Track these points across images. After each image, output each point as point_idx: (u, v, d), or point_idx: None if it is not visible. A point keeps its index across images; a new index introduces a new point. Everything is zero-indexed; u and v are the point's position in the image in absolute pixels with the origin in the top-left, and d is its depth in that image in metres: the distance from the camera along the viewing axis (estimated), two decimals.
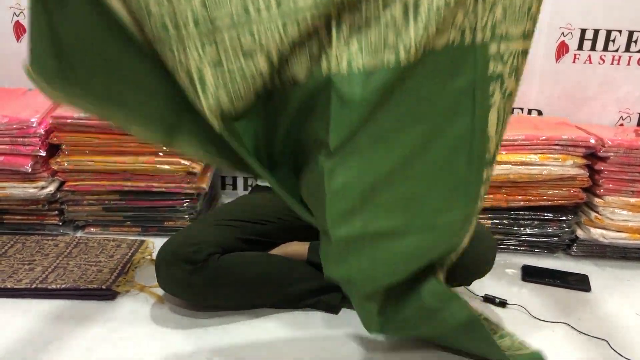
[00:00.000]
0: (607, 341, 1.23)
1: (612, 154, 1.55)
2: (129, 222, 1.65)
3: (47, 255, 1.45)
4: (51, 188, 1.56)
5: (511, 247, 1.67)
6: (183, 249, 1.21)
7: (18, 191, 1.54)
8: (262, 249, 1.36)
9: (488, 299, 1.39)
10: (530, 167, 1.56)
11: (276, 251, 1.36)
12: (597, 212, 1.60)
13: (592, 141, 1.57)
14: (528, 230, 1.64)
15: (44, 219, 1.62)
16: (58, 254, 1.46)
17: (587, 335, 1.25)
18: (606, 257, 1.66)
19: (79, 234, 1.64)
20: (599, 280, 1.52)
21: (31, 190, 1.54)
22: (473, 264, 1.23)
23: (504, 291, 1.43)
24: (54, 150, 1.58)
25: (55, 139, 1.54)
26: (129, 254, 1.48)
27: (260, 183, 1.47)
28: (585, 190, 1.62)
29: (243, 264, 1.27)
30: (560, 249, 1.67)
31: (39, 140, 1.51)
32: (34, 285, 1.30)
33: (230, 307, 1.27)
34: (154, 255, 1.26)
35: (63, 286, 1.29)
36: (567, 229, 1.63)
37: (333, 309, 1.32)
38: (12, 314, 1.23)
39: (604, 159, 1.57)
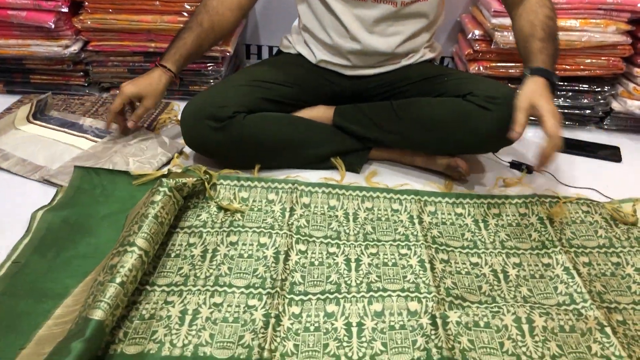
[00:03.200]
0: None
1: None
2: None
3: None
4: (75, 47, 1.54)
5: None
6: (209, 106, 1.21)
7: (42, 49, 1.52)
8: (288, 112, 1.34)
9: (514, 165, 1.38)
10: (569, 32, 1.49)
11: (302, 114, 1.35)
12: (636, 84, 1.53)
13: None
14: (561, 102, 1.59)
15: (69, 79, 1.62)
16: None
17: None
18: None
19: (105, 95, 1.64)
20: (631, 153, 1.49)
21: (55, 49, 1.52)
22: (500, 130, 1.20)
23: (532, 161, 1.41)
24: (77, 8, 1.55)
25: None
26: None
27: (284, 49, 1.43)
28: (625, 60, 1.55)
29: (268, 124, 1.26)
30: (593, 122, 1.63)
31: None
32: None
33: (254, 166, 1.28)
34: (179, 117, 1.26)
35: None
36: (602, 101, 1.58)
37: (355, 169, 1.32)
38: None
39: None
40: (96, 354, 0.79)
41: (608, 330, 0.87)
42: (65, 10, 1.47)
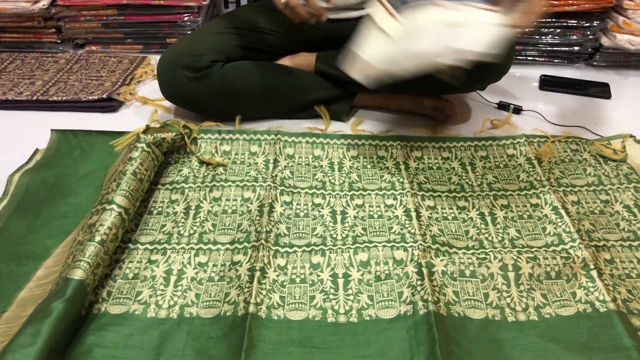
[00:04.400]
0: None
1: None
2: (129, 39, 1.59)
3: (47, 71, 1.43)
4: (44, 2, 1.49)
5: (529, 59, 1.59)
6: (184, 56, 1.17)
7: (9, 5, 1.47)
8: (268, 60, 1.30)
9: (502, 106, 1.35)
10: None
11: (283, 61, 1.31)
12: (625, 17, 1.49)
13: None
14: (549, 39, 1.55)
15: (41, 37, 1.57)
16: (58, 70, 1.44)
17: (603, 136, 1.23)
18: (630, 66, 1.59)
19: (80, 52, 1.59)
20: (621, 89, 1.46)
21: (23, 4, 1.47)
22: (488, 65, 1.16)
23: (520, 101, 1.38)
24: None
25: None
26: (131, 68, 1.45)
27: None
28: None
29: (248, 73, 1.22)
30: (582, 59, 1.59)
31: None
32: (35, 97, 1.28)
33: (235, 118, 1.24)
34: (157, 71, 1.21)
35: (64, 98, 1.27)
36: (590, 37, 1.53)
37: (341, 118, 1.29)
38: (16, 126, 1.22)
39: None
40: (79, 314, 0.78)
41: (594, 273, 0.86)
42: None
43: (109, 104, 1.28)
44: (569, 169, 1.11)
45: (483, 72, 1.18)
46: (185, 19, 1.55)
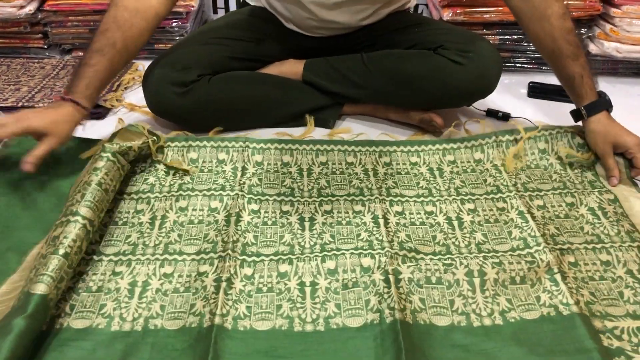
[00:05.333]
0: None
1: None
2: None
3: (33, 77, 1.42)
4: (30, 7, 1.48)
5: (518, 65, 1.61)
6: (171, 71, 1.16)
7: None
8: (256, 69, 1.30)
9: (491, 113, 1.36)
10: None
11: (270, 69, 1.31)
12: (613, 24, 1.52)
13: None
14: None
15: (28, 42, 1.56)
16: (44, 76, 1.42)
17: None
18: (618, 74, 1.61)
19: (67, 57, 1.57)
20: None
21: (9, 9, 1.46)
22: (474, 83, 1.18)
23: (509, 107, 1.40)
24: None
25: None
26: (119, 74, 1.42)
27: (250, 1, 1.36)
28: (602, 0, 1.53)
29: (236, 84, 1.22)
30: None
31: None
32: (20, 104, 1.27)
33: (222, 128, 1.24)
34: (143, 86, 1.20)
35: None
36: None
37: (328, 125, 1.29)
38: None
39: None
40: (40, 329, 0.76)
41: (558, 277, 0.87)
42: None
43: (96, 111, 1.27)
44: (535, 174, 1.13)
45: (469, 92, 1.20)
46: (174, 24, 1.54)
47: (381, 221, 0.98)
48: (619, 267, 0.91)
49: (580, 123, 1.15)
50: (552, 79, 1.53)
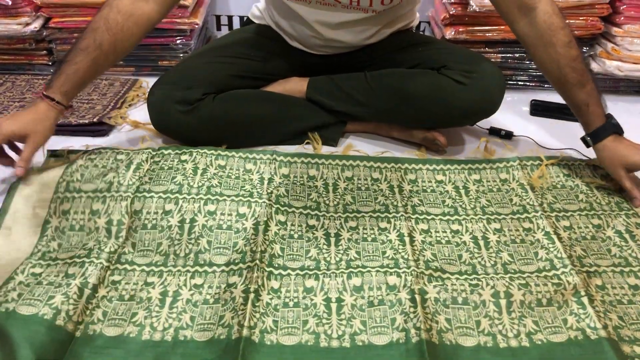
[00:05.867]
0: None
1: None
2: (121, 62, 1.59)
3: (38, 94, 1.41)
4: (36, 25, 1.49)
5: (520, 83, 1.62)
6: (176, 90, 1.17)
7: (1, 27, 1.47)
8: (259, 87, 1.31)
9: (494, 131, 1.37)
10: None
11: (274, 87, 1.32)
12: (614, 43, 1.52)
13: None
14: None
15: (32, 58, 1.56)
16: None
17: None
18: (619, 92, 1.61)
19: None
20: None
21: (15, 27, 1.47)
22: (478, 103, 1.19)
23: (512, 126, 1.40)
24: None
25: None
26: (122, 91, 1.45)
27: (253, 19, 1.38)
28: (603, 19, 1.53)
29: (239, 103, 1.23)
30: None
31: None
32: None
33: (227, 146, 1.24)
34: (148, 105, 1.21)
35: None
36: None
37: (333, 142, 1.30)
38: None
39: None
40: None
41: (585, 300, 0.87)
42: None
43: (100, 128, 1.28)
44: (561, 194, 1.13)
45: (473, 112, 1.21)
46: (178, 42, 1.56)
47: (407, 239, 0.98)
48: None
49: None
50: (554, 97, 1.53)
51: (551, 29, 1.06)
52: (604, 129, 1.10)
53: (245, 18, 1.44)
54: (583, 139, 1.14)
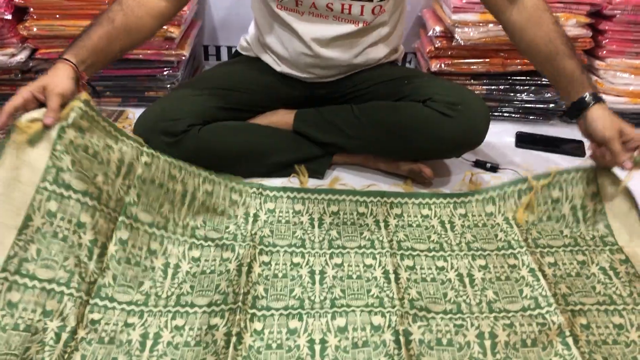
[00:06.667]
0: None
1: (618, 11, 1.47)
2: (108, 92, 1.59)
3: None
4: (22, 56, 1.49)
5: (505, 115, 1.63)
6: (161, 121, 1.17)
7: None
8: (246, 119, 1.31)
9: (479, 164, 1.37)
10: None
11: (261, 119, 1.32)
12: (597, 76, 1.54)
13: None
14: (524, 96, 1.59)
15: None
16: None
17: None
18: None
19: None
20: None
21: (0, 58, 1.46)
22: (463, 136, 1.20)
23: (497, 157, 1.41)
24: (22, 15, 1.49)
25: (21, 0, 1.44)
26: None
27: (242, 51, 1.39)
28: (586, 52, 1.55)
29: (225, 135, 1.23)
30: (557, 116, 1.63)
31: (3, 2, 1.40)
32: None
33: None
34: (134, 126, 1.21)
35: None
36: None
37: (320, 175, 1.30)
38: None
39: (609, 18, 1.49)
40: None
41: (570, 340, 0.86)
42: (9, 17, 1.42)
43: None
44: (545, 230, 1.12)
45: (458, 144, 1.21)
46: (165, 73, 1.56)
47: (392, 276, 0.98)
48: (632, 330, 0.90)
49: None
50: (539, 129, 1.56)
51: (539, 8, 1.08)
52: (596, 93, 1.07)
53: (234, 50, 1.45)
54: (576, 105, 1.08)
